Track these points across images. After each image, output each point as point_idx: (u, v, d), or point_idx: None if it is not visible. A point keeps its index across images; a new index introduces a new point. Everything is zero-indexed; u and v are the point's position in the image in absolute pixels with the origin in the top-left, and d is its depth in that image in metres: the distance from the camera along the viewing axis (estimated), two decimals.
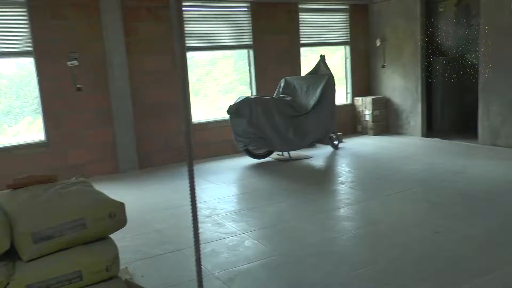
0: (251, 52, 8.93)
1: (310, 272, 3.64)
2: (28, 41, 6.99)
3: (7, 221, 2.44)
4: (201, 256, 4.08)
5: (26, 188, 2.89)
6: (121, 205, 2.73)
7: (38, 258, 2.45)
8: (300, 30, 9.45)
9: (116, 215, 2.67)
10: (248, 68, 9.07)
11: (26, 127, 7.54)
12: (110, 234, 2.75)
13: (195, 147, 8.33)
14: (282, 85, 8.53)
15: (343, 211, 5.15)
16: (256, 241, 4.37)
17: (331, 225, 4.79)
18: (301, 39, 9.49)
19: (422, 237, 4.25)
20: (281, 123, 7.75)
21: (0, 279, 2.30)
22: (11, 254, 2.47)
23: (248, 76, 9.10)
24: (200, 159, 8.31)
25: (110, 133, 7.63)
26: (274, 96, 8.40)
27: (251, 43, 8.87)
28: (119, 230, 2.74)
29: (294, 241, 4.35)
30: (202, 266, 3.84)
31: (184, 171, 7.51)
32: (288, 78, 8.59)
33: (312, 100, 8.05)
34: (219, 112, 8.80)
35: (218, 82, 9.19)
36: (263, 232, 4.61)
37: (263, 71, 9.05)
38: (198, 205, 5.66)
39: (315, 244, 4.24)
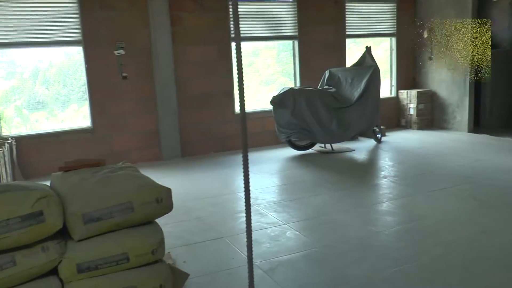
0: (296, 43, 8.86)
1: (353, 266, 3.61)
2: (77, 31, 7.20)
3: (60, 202, 2.52)
4: (246, 244, 4.13)
5: (76, 171, 2.98)
6: (168, 191, 2.76)
7: (87, 238, 2.53)
8: (346, 21, 9.30)
9: (163, 200, 2.70)
10: (292, 59, 9.02)
11: (72, 114, 7.79)
12: (156, 218, 2.79)
13: (238, 137, 8.36)
14: (326, 76, 8.44)
15: (385, 206, 5.07)
16: (297, 232, 4.37)
17: (374, 219, 4.73)
18: (346, 30, 9.34)
19: (468, 236, 4.13)
20: (325, 114, 7.67)
21: (54, 256, 2.39)
22: (63, 234, 2.55)
23: (292, 67, 9.05)
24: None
25: (154, 121, 7.78)
26: (318, 87, 8.33)
27: (296, 33, 8.80)
28: (162, 216, 2.78)
29: (336, 234, 4.31)
30: (244, 255, 3.90)
31: (226, 160, 7.61)
32: (333, 69, 8.49)
33: (356, 92, 7.93)
34: (260, 103, 8.82)
35: (260, 73, 9.18)
36: (305, 224, 4.61)
37: (307, 62, 8.98)
38: (239, 194, 5.73)
39: (358, 237, 4.20)
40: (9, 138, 6.80)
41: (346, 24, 9.31)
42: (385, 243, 4.10)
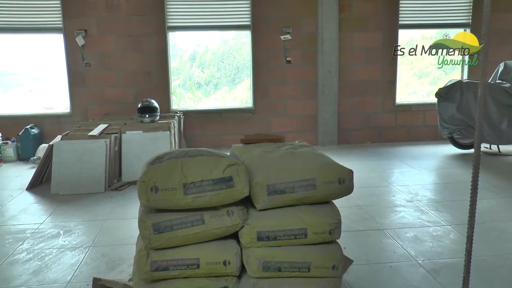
0: (467, 31, 8.23)
1: None
2: (248, 16, 7.62)
3: (247, 171, 2.63)
4: (406, 240, 4.05)
5: (257, 144, 3.12)
6: (350, 172, 2.73)
7: (269, 209, 2.61)
8: None
9: (345, 181, 2.68)
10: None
11: (223, 96, 8.34)
12: (335, 199, 2.78)
13: (397, 129, 8.17)
14: (500, 69, 7.68)
15: None
16: (462, 236, 4.11)
17: None
18: None
19: None
20: (495, 112, 7.03)
21: (237, 221, 2.55)
22: (245, 202, 2.69)
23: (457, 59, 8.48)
24: (400, 141, 8.14)
25: (313, 106, 7.92)
26: (489, 81, 7.67)
27: (469, 21, 8.18)
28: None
29: (506, 244, 3.94)
30: (405, 250, 3.84)
31: (382, 151, 7.45)
32: (509, 62, 7.69)
33: None
34: (415, 96, 8.52)
35: (413, 65, 8.75)
36: None
37: (478, 53, 8.29)
38: (398, 187, 5.60)
39: None
40: (178, 112, 7.55)
41: None
42: None
